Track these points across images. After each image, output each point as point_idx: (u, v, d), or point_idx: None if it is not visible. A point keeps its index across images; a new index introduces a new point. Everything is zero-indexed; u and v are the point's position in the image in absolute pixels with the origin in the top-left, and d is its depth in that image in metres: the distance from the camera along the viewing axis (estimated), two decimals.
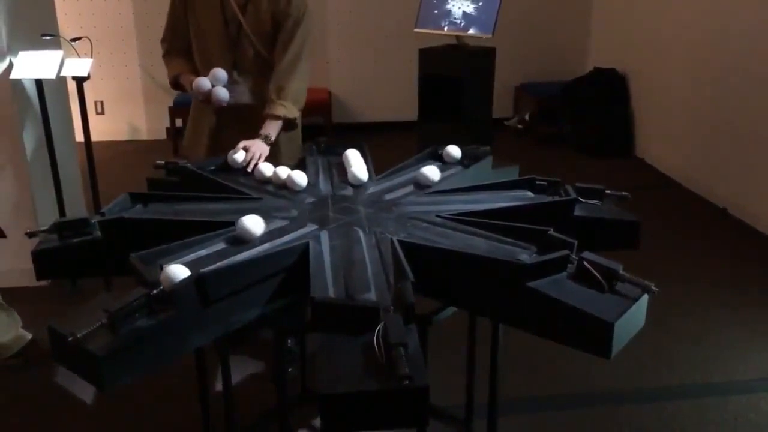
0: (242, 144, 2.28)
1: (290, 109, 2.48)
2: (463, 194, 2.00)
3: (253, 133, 2.42)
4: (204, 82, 2.43)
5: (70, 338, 1.23)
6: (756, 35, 4.20)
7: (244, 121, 2.52)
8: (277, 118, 2.45)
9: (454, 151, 2.26)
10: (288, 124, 2.51)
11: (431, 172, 2.07)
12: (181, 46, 2.61)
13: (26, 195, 3.36)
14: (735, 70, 4.42)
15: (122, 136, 6.24)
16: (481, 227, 1.71)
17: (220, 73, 2.45)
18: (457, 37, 5.08)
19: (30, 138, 3.36)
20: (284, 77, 2.49)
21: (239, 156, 2.23)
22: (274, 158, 2.51)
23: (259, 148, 2.30)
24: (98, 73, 5.70)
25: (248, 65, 2.55)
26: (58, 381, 2.70)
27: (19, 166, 3.33)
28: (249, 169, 2.23)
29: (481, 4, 4.94)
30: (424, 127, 5.22)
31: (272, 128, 2.44)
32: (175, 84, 2.61)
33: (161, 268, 1.41)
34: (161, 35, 2.66)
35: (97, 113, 6.09)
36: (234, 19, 2.47)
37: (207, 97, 2.45)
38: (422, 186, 2.07)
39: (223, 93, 2.44)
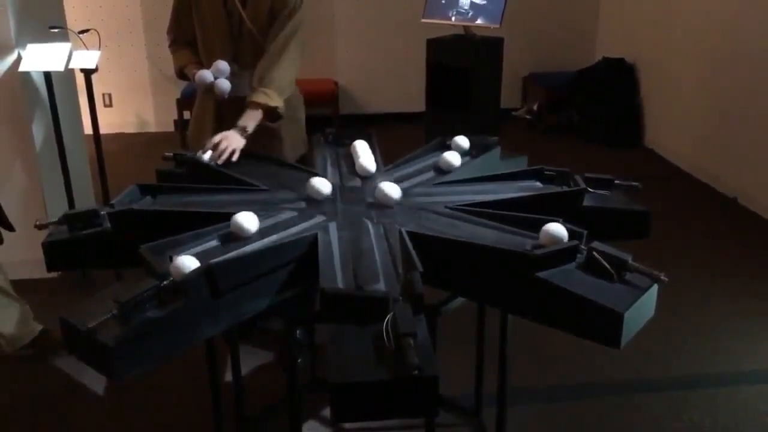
0: (216, 138, 2.19)
1: (272, 98, 2.37)
2: (471, 185, 2.00)
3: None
4: (206, 74, 2.44)
5: (82, 329, 1.24)
6: (766, 23, 4.16)
7: (242, 111, 2.50)
8: (257, 105, 2.36)
9: (462, 141, 2.25)
10: (270, 114, 2.40)
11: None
12: (186, 37, 2.63)
13: (35, 187, 3.38)
14: (745, 59, 4.38)
15: (130, 128, 6.26)
16: (489, 218, 1.71)
17: (223, 65, 2.46)
18: (465, 27, 5.05)
19: (39, 130, 3.37)
20: (268, 66, 2.42)
21: (206, 155, 2.13)
22: (276, 150, 2.53)
23: (233, 141, 2.20)
24: (106, 66, 5.70)
25: (249, 58, 2.54)
26: (69, 371, 2.72)
27: (28, 158, 3.35)
28: (219, 162, 2.15)
29: None
30: (432, 117, 5.21)
31: (251, 118, 2.33)
32: (181, 74, 2.64)
33: (171, 260, 1.42)
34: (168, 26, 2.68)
35: (105, 105, 6.11)
36: (235, 11, 2.49)
37: (209, 88, 2.46)
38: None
39: (225, 85, 2.44)
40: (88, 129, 3.71)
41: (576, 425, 2.46)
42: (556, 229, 1.53)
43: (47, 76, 3.18)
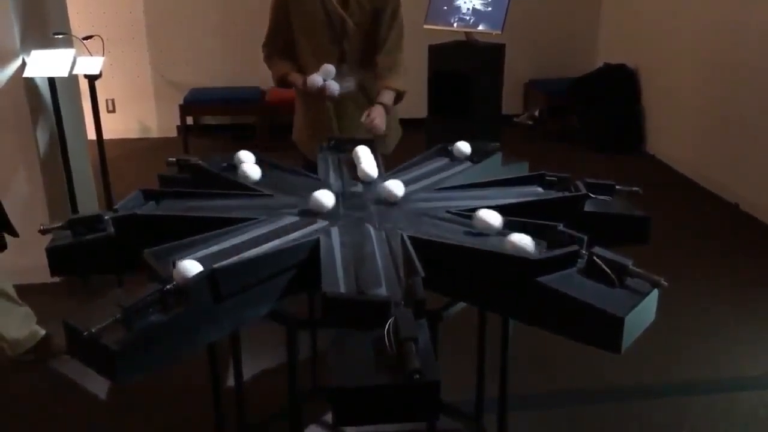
0: (364, 117, 2.64)
1: (400, 84, 2.80)
2: (472, 190, 2.00)
3: None
4: (317, 78, 2.67)
5: (85, 333, 1.25)
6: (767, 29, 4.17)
7: (359, 104, 2.81)
8: (392, 89, 2.76)
9: (463, 147, 2.26)
10: (398, 97, 2.81)
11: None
12: (283, 48, 2.83)
13: (39, 192, 3.39)
14: (746, 65, 4.39)
15: (133, 134, 6.28)
16: None
17: (330, 68, 2.69)
18: (467, 33, 5.07)
19: (43, 136, 3.38)
20: (391, 59, 2.80)
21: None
22: (388, 136, 2.84)
23: (381, 114, 2.67)
24: (109, 72, 5.71)
25: (354, 56, 2.78)
26: (72, 376, 2.73)
27: (32, 163, 3.36)
28: (375, 132, 2.62)
29: (490, 0, 4.93)
30: (434, 123, 5.22)
31: (388, 98, 2.75)
32: (282, 82, 2.85)
33: (174, 265, 1.43)
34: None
35: (108, 111, 6.13)
36: (336, 15, 2.68)
37: (321, 91, 2.67)
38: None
39: (334, 86, 2.68)
40: (91, 134, 3.73)
41: (576, 431, 2.46)
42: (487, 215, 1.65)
43: (51, 81, 3.20)
